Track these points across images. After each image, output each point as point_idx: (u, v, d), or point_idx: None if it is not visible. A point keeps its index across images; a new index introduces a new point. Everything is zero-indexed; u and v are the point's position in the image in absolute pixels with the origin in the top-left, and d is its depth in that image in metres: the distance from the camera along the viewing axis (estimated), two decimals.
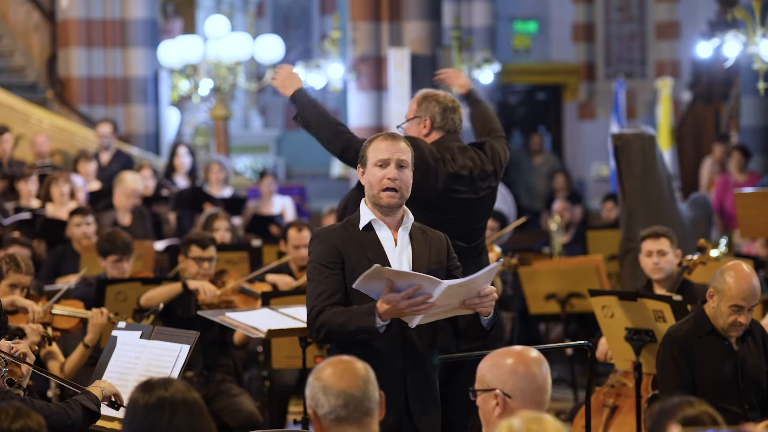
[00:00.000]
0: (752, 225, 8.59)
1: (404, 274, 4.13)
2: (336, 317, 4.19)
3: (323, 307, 4.21)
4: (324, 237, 4.31)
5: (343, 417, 3.26)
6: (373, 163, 4.33)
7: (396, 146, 4.35)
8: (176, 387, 3.19)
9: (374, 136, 4.43)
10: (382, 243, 4.31)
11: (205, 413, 3.19)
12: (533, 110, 19.22)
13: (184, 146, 12.43)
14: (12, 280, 5.86)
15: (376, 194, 4.32)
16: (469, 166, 5.58)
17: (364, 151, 4.38)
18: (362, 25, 13.55)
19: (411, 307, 4.10)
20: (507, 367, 3.53)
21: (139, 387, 3.22)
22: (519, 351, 3.59)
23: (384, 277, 4.08)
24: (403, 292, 4.09)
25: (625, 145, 8.58)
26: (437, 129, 5.62)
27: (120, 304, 6.74)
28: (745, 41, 9.83)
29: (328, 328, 4.19)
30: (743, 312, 5.28)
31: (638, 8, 18.23)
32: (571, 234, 11.51)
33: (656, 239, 6.72)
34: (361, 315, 4.16)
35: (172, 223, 10.92)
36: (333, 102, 19.17)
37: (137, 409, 3.16)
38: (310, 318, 4.26)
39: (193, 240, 6.94)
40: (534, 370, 3.54)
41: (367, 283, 4.11)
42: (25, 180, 10.36)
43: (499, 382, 3.53)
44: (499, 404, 3.53)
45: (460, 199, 5.55)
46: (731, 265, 5.36)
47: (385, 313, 4.12)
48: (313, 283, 4.26)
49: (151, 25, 14.66)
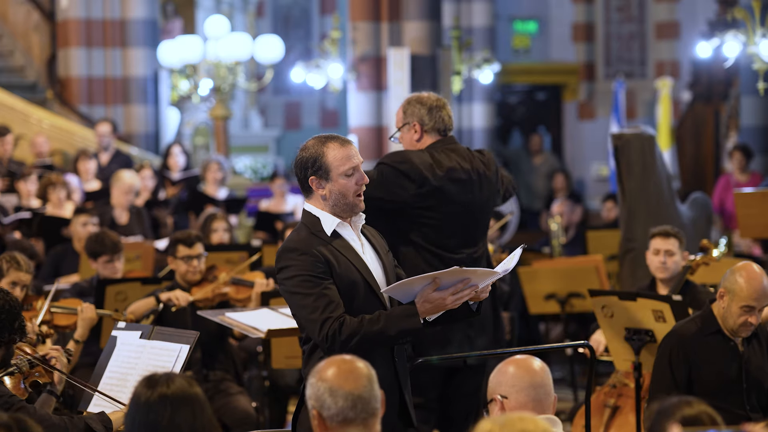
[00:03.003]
0: (752, 225, 8.59)
1: (471, 272, 4.15)
2: (371, 325, 4.09)
3: (339, 318, 4.09)
4: (304, 248, 4.15)
5: (351, 418, 3.25)
6: (341, 173, 4.19)
7: (353, 149, 4.26)
8: (178, 384, 3.18)
9: (323, 144, 4.23)
10: (352, 245, 4.26)
11: (206, 409, 3.19)
12: (533, 110, 19.21)
13: (178, 145, 12.45)
14: (12, 278, 5.89)
15: (352, 201, 4.23)
16: (467, 168, 5.57)
17: (321, 162, 4.19)
18: (362, 25, 13.54)
19: (456, 300, 4.13)
20: (502, 371, 3.77)
21: (143, 381, 3.22)
22: (514, 357, 3.81)
23: (456, 276, 4.10)
24: (452, 287, 4.11)
25: (625, 145, 8.57)
26: (429, 131, 5.59)
27: (120, 304, 6.75)
28: (744, 41, 9.82)
29: (361, 337, 4.07)
30: (754, 312, 5.29)
31: (638, 8, 18.23)
32: (571, 234, 11.51)
33: (666, 238, 6.73)
34: (402, 318, 4.12)
35: (170, 227, 10.92)
36: (333, 102, 19.18)
37: (140, 405, 3.17)
38: (326, 331, 4.08)
39: (178, 240, 6.93)
40: (527, 368, 3.74)
41: (402, 286, 4.12)
42: (24, 180, 10.37)
43: (497, 387, 3.75)
44: (500, 408, 3.64)
45: (457, 202, 5.52)
46: (742, 265, 5.36)
47: (426, 311, 4.13)
48: (311, 297, 4.11)
49: (151, 25, 14.66)
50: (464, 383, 5.74)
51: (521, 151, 18.05)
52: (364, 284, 4.21)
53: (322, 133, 4.32)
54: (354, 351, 4.01)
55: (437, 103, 5.62)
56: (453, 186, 5.50)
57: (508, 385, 3.72)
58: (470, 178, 5.57)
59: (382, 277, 4.29)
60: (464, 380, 5.73)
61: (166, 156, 12.30)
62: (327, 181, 4.22)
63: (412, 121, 5.59)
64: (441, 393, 5.71)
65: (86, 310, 6.00)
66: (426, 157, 5.49)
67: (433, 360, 5.20)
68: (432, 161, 5.48)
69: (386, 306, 4.25)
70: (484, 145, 16.27)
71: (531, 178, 17.03)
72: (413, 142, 5.60)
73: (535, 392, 3.71)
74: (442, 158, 5.52)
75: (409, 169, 5.42)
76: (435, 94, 5.73)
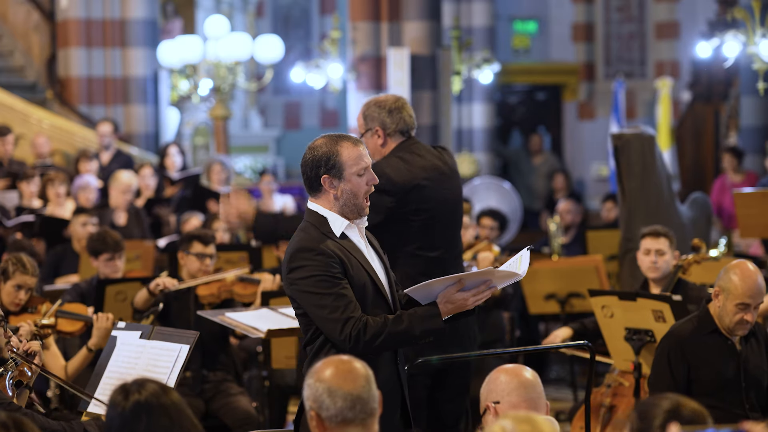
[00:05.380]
0: (752, 225, 8.60)
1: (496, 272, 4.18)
2: (395, 325, 4.11)
3: (361, 317, 4.09)
4: (320, 249, 4.13)
5: (350, 419, 3.25)
6: (354, 173, 4.19)
7: (365, 149, 4.26)
8: (150, 390, 3.12)
9: (335, 143, 4.21)
10: (359, 247, 4.25)
11: (184, 414, 3.13)
12: (533, 110, 19.21)
13: (174, 146, 12.43)
14: (18, 281, 5.89)
15: (361, 202, 4.23)
16: (438, 165, 5.52)
17: (335, 160, 4.18)
18: (362, 25, 13.54)
19: (477, 300, 4.18)
20: (492, 380, 3.82)
21: (117, 389, 3.16)
22: (503, 367, 3.86)
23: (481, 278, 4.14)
24: (474, 288, 4.15)
25: (625, 145, 8.57)
26: (391, 134, 5.47)
27: (120, 304, 6.75)
28: (744, 41, 9.83)
29: (385, 337, 4.08)
30: (749, 310, 5.29)
31: (638, 8, 18.23)
32: (571, 234, 11.51)
33: (656, 238, 6.73)
34: (425, 318, 4.15)
35: (172, 225, 10.92)
36: (333, 102, 19.17)
37: (115, 415, 3.12)
38: (349, 330, 4.06)
39: (195, 236, 6.94)
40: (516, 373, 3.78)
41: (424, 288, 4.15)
42: (27, 181, 10.37)
43: (488, 395, 3.80)
44: (493, 415, 3.72)
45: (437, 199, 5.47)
46: (736, 263, 5.37)
47: (448, 311, 4.16)
48: (329, 296, 4.08)
49: (151, 25, 14.66)
50: (454, 385, 5.72)
51: (521, 151, 18.04)
52: (373, 286, 4.21)
53: (328, 133, 4.30)
54: (377, 351, 4.09)
55: (396, 104, 5.48)
56: (429, 184, 5.42)
57: (499, 390, 3.77)
58: (443, 174, 5.50)
59: (385, 279, 4.30)
60: (454, 382, 5.71)
61: (162, 156, 12.29)
62: (340, 180, 4.19)
63: (374, 126, 5.46)
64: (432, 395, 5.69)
65: (101, 319, 5.96)
66: (396, 163, 5.39)
67: (433, 360, 5.19)
68: (404, 166, 5.39)
69: (391, 308, 4.26)
70: (484, 146, 16.27)
71: (531, 178, 17.03)
72: (378, 148, 5.47)
73: (526, 392, 3.73)
74: (413, 159, 5.43)
75: (385, 183, 5.25)
76: (393, 95, 5.59)
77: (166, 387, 3.16)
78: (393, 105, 5.47)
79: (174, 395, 3.15)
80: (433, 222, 5.45)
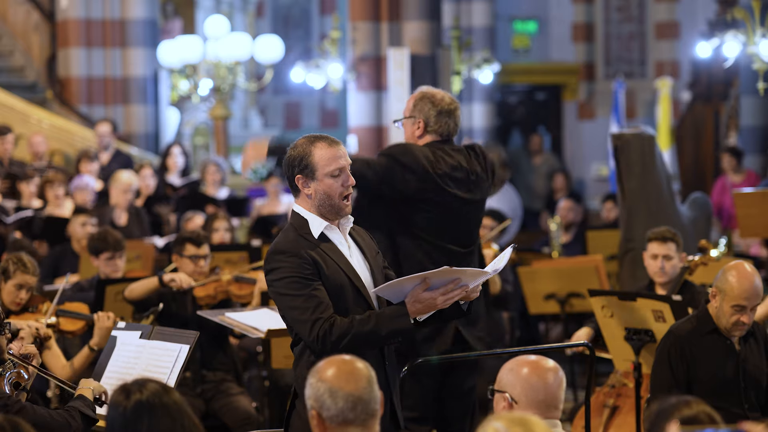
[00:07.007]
0: (752, 225, 8.59)
1: (461, 272, 4.14)
2: (362, 325, 4.08)
3: (330, 318, 4.08)
4: (293, 250, 4.13)
5: (351, 419, 3.25)
6: (326, 174, 4.18)
7: (341, 150, 4.23)
8: (151, 390, 3.12)
9: (311, 143, 4.21)
10: (340, 248, 4.24)
11: (186, 414, 3.12)
12: (533, 110, 19.21)
13: (178, 146, 12.44)
14: (19, 281, 5.89)
15: (337, 203, 4.21)
16: (465, 167, 5.59)
17: (307, 161, 4.18)
18: (362, 24, 13.55)
19: (447, 300, 4.12)
20: (522, 375, 3.72)
21: (118, 389, 3.16)
22: (536, 361, 3.77)
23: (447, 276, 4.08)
24: (443, 287, 4.10)
25: (625, 145, 8.57)
26: (431, 132, 5.58)
27: (120, 303, 6.74)
28: (744, 41, 9.82)
29: (352, 338, 4.06)
30: (746, 311, 5.28)
31: (638, 8, 18.23)
32: (571, 234, 11.51)
33: (663, 243, 6.70)
34: (392, 318, 4.11)
35: (172, 224, 10.92)
36: (333, 102, 19.18)
37: (116, 415, 3.12)
38: (317, 331, 4.06)
39: (187, 238, 6.91)
40: (545, 381, 3.72)
41: (393, 287, 4.12)
42: (27, 181, 10.37)
43: (511, 386, 3.72)
44: (506, 407, 3.68)
45: (456, 197, 5.54)
46: (733, 264, 5.35)
47: (417, 311, 4.12)
48: (300, 298, 4.10)
49: (151, 25, 14.66)
50: (458, 385, 5.73)
51: (521, 151, 18.04)
52: (352, 287, 4.19)
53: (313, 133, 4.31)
54: (344, 351, 4.00)
55: (449, 107, 5.58)
56: (452, 183, 5.52)
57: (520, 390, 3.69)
58: (468, 177, 5.59)
59: (370, 280, 4.27)
60: (458, 382, 5.72)
61: (165, 156, 12.28)
62: (312, 181, 4.20)
63: (419, 117, 5.59)
64: (437, 395, 5.70)
65: (102, 318, 5.96)
66: (427, 152, 5.51)
67: (433, 360, 5.20)
68: (433, 157, 5.50)
69: (374, 309, 4.23)
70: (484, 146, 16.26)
71: (531, 178, 17.03)
72: (414, 137, 5.61)
73: (546, 406, 3.71)
74: (443, 155, 5.54)
75: (412, 161, 5.45)
76: (450, 96, 5.65)
77: (168, 387, 3.16)
78: (446, 107, 5.57)
79: (175, 395, 3.14)
80: (446, 217, 5.49)
